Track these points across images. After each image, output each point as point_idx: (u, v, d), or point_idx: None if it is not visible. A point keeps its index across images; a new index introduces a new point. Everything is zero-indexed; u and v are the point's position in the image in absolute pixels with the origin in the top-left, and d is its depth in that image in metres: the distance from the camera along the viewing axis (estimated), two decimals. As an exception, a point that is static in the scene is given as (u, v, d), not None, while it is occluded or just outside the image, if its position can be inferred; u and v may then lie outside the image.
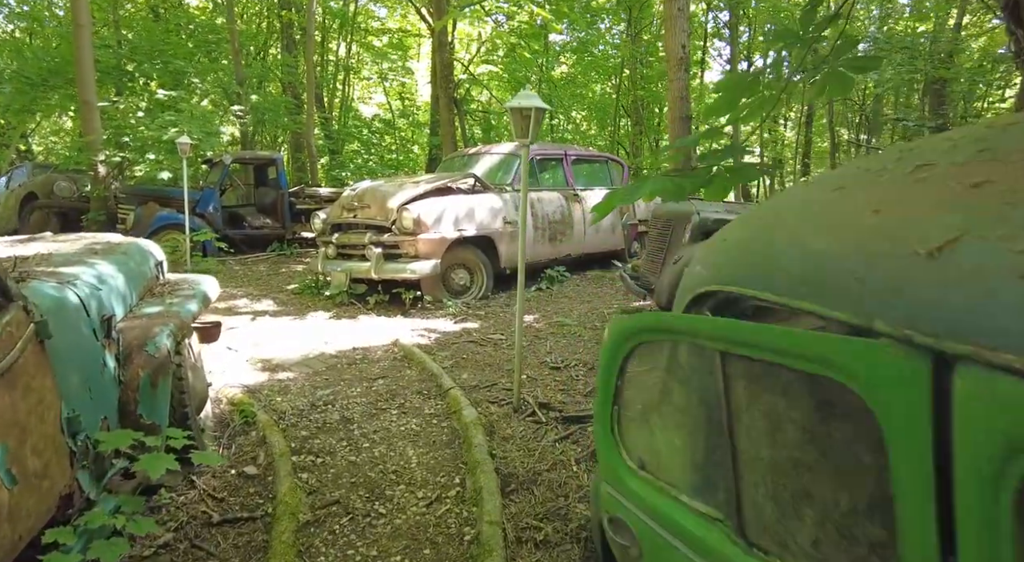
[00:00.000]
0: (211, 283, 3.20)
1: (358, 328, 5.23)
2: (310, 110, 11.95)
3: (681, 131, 7.13)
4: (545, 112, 3.08)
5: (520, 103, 2.99)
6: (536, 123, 3.06)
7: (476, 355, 4.45)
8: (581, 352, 4.46)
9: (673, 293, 3.78)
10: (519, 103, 3.00)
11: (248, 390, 3.75)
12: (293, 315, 5.71)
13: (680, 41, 6.90)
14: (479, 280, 6.22)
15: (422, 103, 22.18)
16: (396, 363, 4.32)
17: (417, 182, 6.27)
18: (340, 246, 6.28)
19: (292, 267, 8.77)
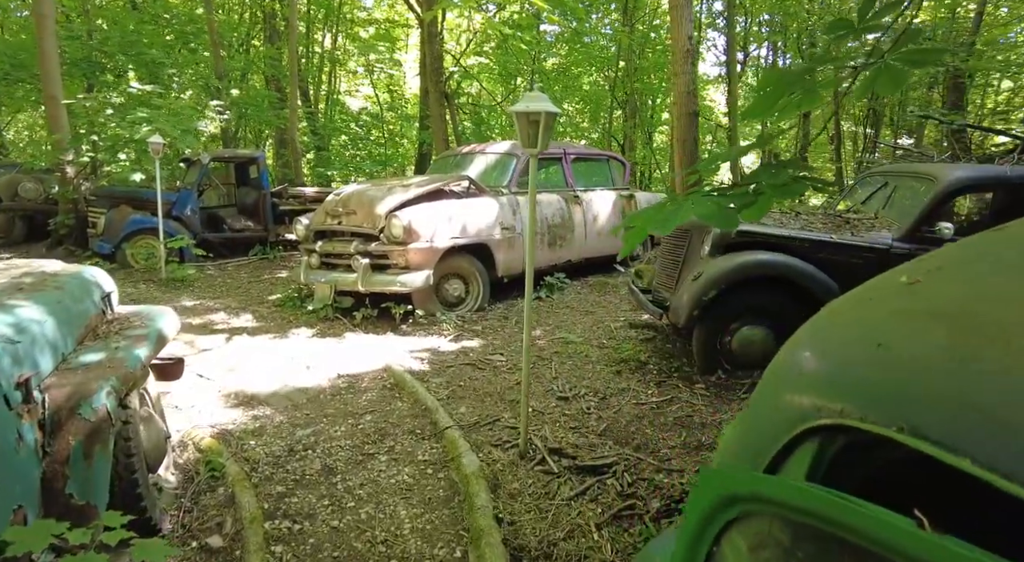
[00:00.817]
0: (169, 318, 2.75)
1: (343, 349, 4.79)
2: (293, 104, 11.40)
3: (688, 128, 6.71)
4: (556, 116, 2.65)
5: (528, 106, 2.56)
6: (546, 129, 2.62)
7: (474, 382, 4.03)
8: (590, 377, 4.05)
9: (693, 313, 3.32)
10: (527, 106, 2.56)
11: (219, 432, 3.31)
12: (273, 332, 5.25)
13: (686, 32, 6.47)
14: (475, 291, 5.79)
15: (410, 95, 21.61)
16: (385, 393, 3.89)
17: (407, 185, 5.81)
18: (324, 255, 5.82)
19: (275, 273, 8.29)
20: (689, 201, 1.96)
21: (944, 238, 3.55)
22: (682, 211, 1.90)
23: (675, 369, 4.04)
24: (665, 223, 1.86)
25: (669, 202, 2.02)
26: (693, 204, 1.91)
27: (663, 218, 1.90)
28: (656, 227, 1.84)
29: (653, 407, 3.53)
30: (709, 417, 3.35)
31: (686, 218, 1.83)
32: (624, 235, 1.95)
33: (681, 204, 1.94)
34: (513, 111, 2.62)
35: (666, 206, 2.01)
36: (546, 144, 2.69)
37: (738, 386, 3.69)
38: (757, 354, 3.82)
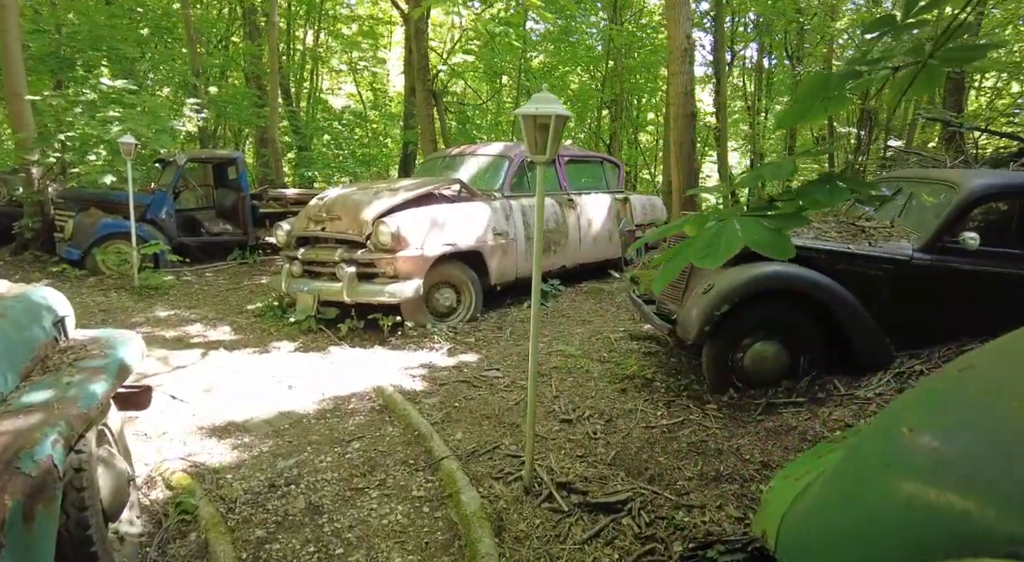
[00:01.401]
0: (133, 345, 2.45)
1: (328, 365, 4.50)
2: (273, 102, 11.02)
3: (686, 129, 6.50)
4: (566, 120, 2.40)
5: (537, 109, 2.30)
6: (556, 135, 2.37)
7: (470, 401, 3.77)
8: (593, 396, 3.80)
9: (704, 329, 3.08)
10: (535, 109, 2.30)
11: (192, 465, 3.01)
12: (253, 346, 4.93)
13: (684, 30, 6.26)
14: (467, 300, 5.52)
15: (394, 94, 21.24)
16: (374, 416, 3.61)
17: (395, 189, 5.52)
18: (307, 263, 5.51)
19: (255, 279, 7.94)
20: (733, 224, 1.71)
21: (969, 249, 3.36)
22: (728, 237, 1.66)
23: (684, 387, 3.80)
24: (711, 255, 1.61)
25: (713, 232, 1.78)
26: (742, 229, 1.67)
27: (707, 248, 1.66)
28: (702, 260, 1.60)
29: (664, 431, 3.30)
30: (725, 442, 3.12)
31: (735, 248, 1.59)
32: (662, 270, 1.71)
33: (725, 228, 1.70)
34: (520, 114, 2.36)
35: (705, 230, 1.77)
36: (555, 151, 2.43)
37: (752, 406, 3.46)
38: (770, 371, 3.60)
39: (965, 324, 3.52)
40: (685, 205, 6.77)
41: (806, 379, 3.55)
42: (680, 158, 6.64)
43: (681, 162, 6.66)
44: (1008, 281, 3.41)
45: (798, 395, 3.46)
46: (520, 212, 5.96)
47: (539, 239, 2.58)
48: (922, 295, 3.50)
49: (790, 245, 1.63)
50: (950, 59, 1.96)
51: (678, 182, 6.81)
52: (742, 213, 1.83)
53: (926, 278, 3.46)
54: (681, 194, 6.80)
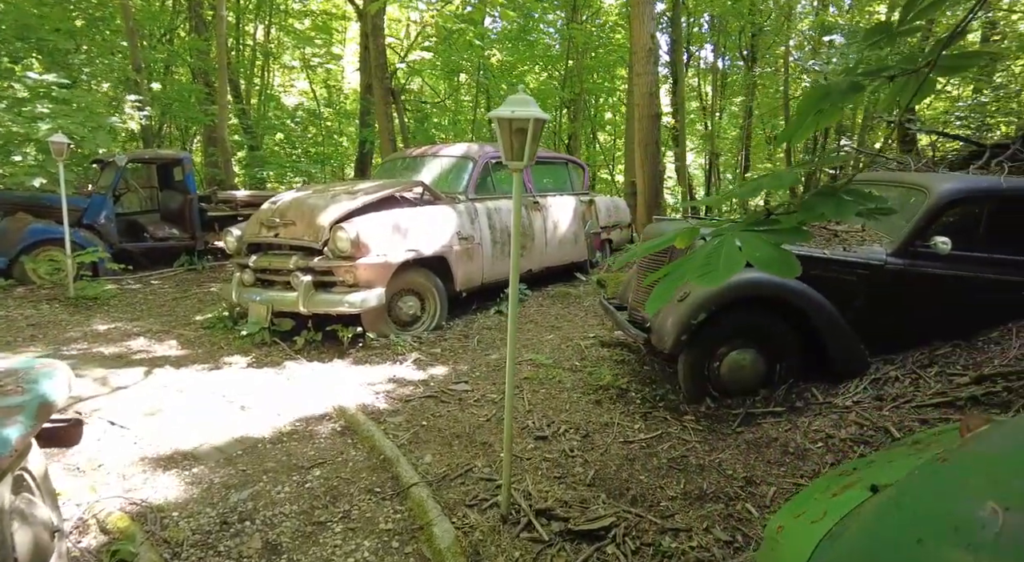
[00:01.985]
0: (58, 377, 2.16)
1: (284, 381, 4.22)
2: (222, 100, 10.50)
3: (651, 131, 6.43)
4: (544, 124, 2.23)
5: (513, 112, 2.12)
6: (535, 139, 2.20)
7: (439, 419, 3.56)
8: (567, 409, 3.65)
9: (680, 338, 2.96)
10: (511, 112, 2.12)
11: (132, 503, 2.72)
12: (202, 362, 4.60)
13: (649, 30, 6.18)
14: (431, 308, 5.30)
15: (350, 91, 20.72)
16: (336, 439, 3.37)
17: (353, 192, 5.26)
18: (259, 271, 5.20)
19: (205, 286, 7.52)
20: (732, 239, 1.58)
21: (941, 253, 3.35)
22: (728, 254, 1.52)
23: (660, 398, 3.70)
24: (711, 273, 1.47)
25: (708, 250, 1.63)
26: (744, 246, 1.53)
27: (706, 266, 1.51)
28: (701, 279, 1.45)
29: (642, 446, 3.17)
30: (705, 457, 3.02)
31: (738, 266, 1.46)
32: (655, 290, 1.56)
33: (724, 244, 1.56)
34: (495, 117, 2.18)
35: (702, 246, 1.63)
36: (533, 156, 2.26)
37: (730, 417, 3.37)
38: (747, 380, 3.52)
39: (937, 328, 3.52)
40: (651, 207, 6.71)
41: (783, 387, 3.49)
42: (645, 159, 6.57)
43: (646, 163, 6.59)
44: (978, 285, 3.41)
45: (776, 404, 3.39)
46: (486, 215, 5.77)
47: (515, 249, 2.41)
48: (895, 300, 3.48)
49: (796, 263, 1.51)
50: (945, 68, 1.88)
51: (643, 183, 6.75)
52: (741, 227, 1.70)
53: (899, 283, 3.43)
54: (646, 196, 6.73)
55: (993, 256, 3.42)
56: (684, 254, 3.82)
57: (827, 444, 2.94)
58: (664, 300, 1.60)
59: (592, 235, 7.23)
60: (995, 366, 3.11)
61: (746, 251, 1.56)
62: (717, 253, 1.60)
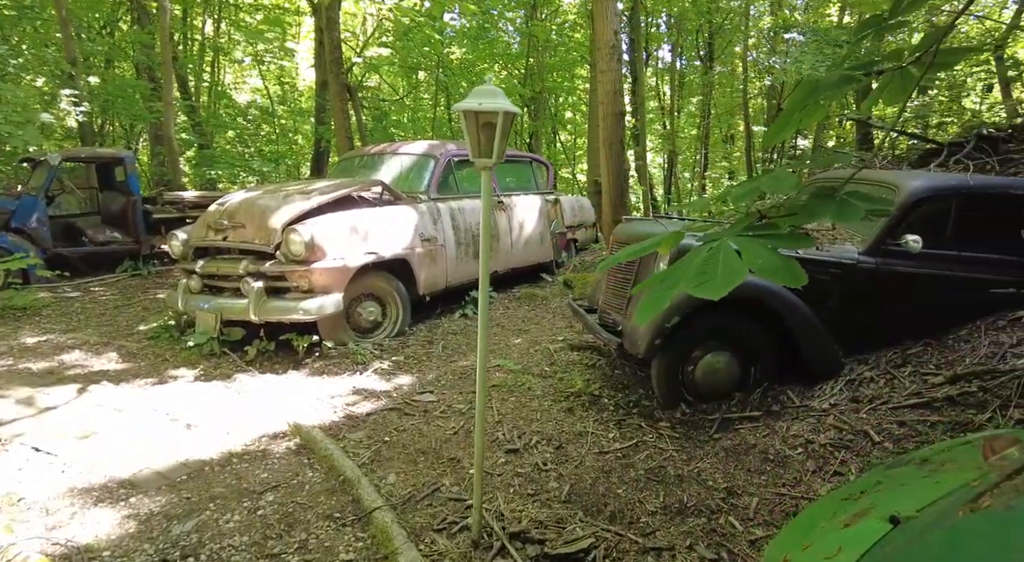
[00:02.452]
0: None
1: (234, 396, 3.93)
2: (168, 96, 9.95)
3: (616, 129, 6.33)
4: (514, 118, 2.05)
5: (480, 105, 1.94)
6: (503, 135, 2.02)
7: (402, 433, 3.35)
8: (539, 418, 3.49)
9: (654, 343, 2.83)
10: (478, 104, 1.94)
11: (55, 544, 2.43)
12: (144, 377, 4.26)
13: (612, 26, 6.08)
14: (393, 313, 5.07)
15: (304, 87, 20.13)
16: (291, 459, 3.12)
17: (308, 192, 4.98)
18: (207, 277, 4.87)
19: (151, 293, 7.09)
20: (728, 245, 1.44)
21: (912, 252, 3.31)
22: (727, 262, 1.39)
23: (633, 404, 3.57)
24: (708, 283, 1.33)
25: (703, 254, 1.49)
26: (745, 253, 1.39)
27: (702, 276, 1.37)
28: (698, 289, 1.31)
29: (618, 456, 3.03)
30: (684, 467, 2.89)
31: (738, 276, 1.33)
32: (644, 300, 1.41)
33: (720, 251, 1.42)
34: (461, 110, 1.99)
35: (695, 253, 1.48)
36: (502, 154, 2.08)
37: (706, 423, 3.27)
38: (722, 384, 3.43)
39: (908, 327, 3.50)
40: (616, 206, 6.62)
41: (758, 391, 3.40)
42: (610, 158, 6.47)
43: (611, 162, 6.49)
44: (948, 283, 3.40)
45: (752, 408, 3.30)
46: (449, 216, 5.56)
47: (485, 252, 2.23)
48: (867, 299, 3.43)
49: (801, 271, 1.37)
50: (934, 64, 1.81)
51: (608, 182, 6.65)
52: (736, 231, 1.56)
53: (871, 282, 3.39)
54: (611, 195, 6.64)
55: (962, 254, 3.41)
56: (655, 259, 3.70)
57: (807, 450, 2.85)
58: (656, 310, 1.46)
59: (558, 235, 7.10)
60: (967, 365, 3.08)
61: (746, 258, 1.42)
62: (714, 260, 1.45)
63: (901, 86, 1.78)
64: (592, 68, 10.18)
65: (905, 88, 1.79)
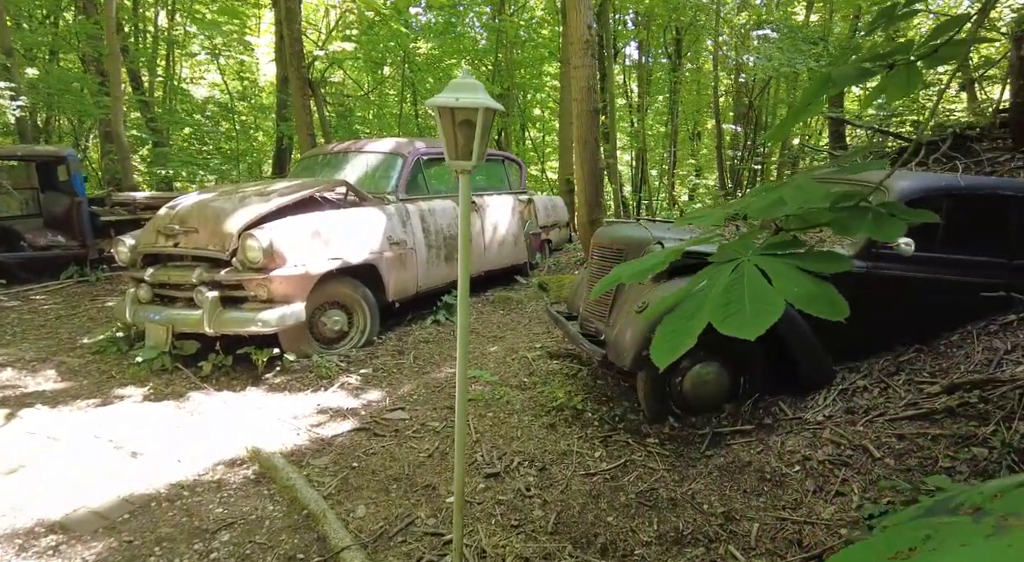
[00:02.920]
0: None
1: (187, 417, 3.61)
2: (115, 90, 9.39)
3: (590, 126, 6.14)
4: (495, 114, 1.82)
5: (457, 100, 1.70)
6: (484, 134, 1.78)
7: (372, 457, 3.09)
8: (519, 436, 3.27)
9: (641, 354, 2.60)
10: (455, 99, 1.70)
11: (-32, 604, 2.11)
12: (86, 397, 3.89)
13: (586, 20, 5.87)
14: (360, 322, 4.78)
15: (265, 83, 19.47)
16: (250, 490, 2.83)
17: (266, 194, 4.65)
18: (157, 286, 4.51)
19: (99, 301, 6.62)
20: (752, 269, 1.25)
21: (904, 255, 3.20)
22: (754, 289, 1.20)
23: (619, 418, 3.37)
24: (737, 316, 1.15)
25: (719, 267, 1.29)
26: (775, 278, 1.20)
27: (727, 305, 1.18)
28: (733, 326, 1.11)
29: (606, 478, 2.83)
30: (676, 488, 2.71)
31: (775, 309, 1.13)
32: (661, 334, 1.21)
33: (744, 275, 1.23)
34: (435, 106, 1.74)
35: (716, 274, 1.28)
36: (482, 155, 1.85)
37: (696, 438, 3.10)
38: (711, 396, 3.26)
39: (900, 332, 3.39)
40: (591, 206, 6.44)
41: (749, 402, 3.24)
42: (584, 156, 6.28)
43: (585, 160, 6.30)
44: (939, 287, 3.30)
45: (744, 422, 3.15)
46: (419, 217, 5.29)
47: (464, 257, 1.99)
48: (858, 304, 3.28)
49: (843, 301, 1.18)
50: (934, 58, 1.68)
51: (582, 181, 6.46)
52: (758, 250, 1.36)
53: (862, 286, 3.26)
54: (586, 194, 6.45)
55: (953, 257, 3.31)
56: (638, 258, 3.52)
57: (805, 467, 2.70)
58: (676, 347, 1.26)
59: (532, 236, 6.89)
60: (963, 373, 2.98)
61: (778, 285, 1.23)
62: (738, 287, 1.25)
63: (906, 80, 1.63)
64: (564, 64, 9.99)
65: (911, 82, 1.63)
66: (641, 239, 3.52)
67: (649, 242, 3.45)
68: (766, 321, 1.11)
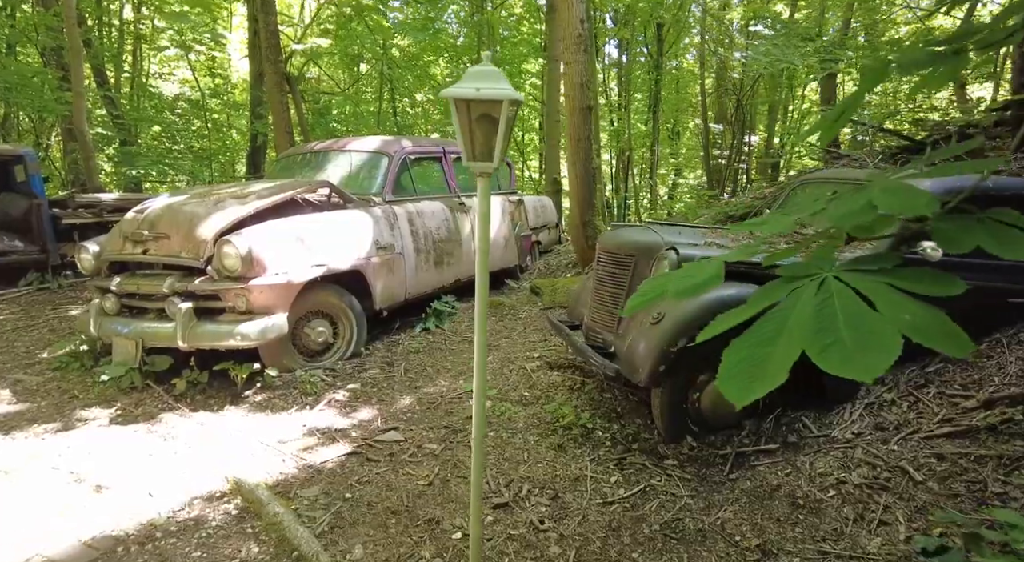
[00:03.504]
0: None
1: (160, 443, 3.28)
2: (77, 85, 8.89)
3: (583, 125, 5.92)
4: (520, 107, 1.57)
5: (479, 91, 1.44)
6: (508, 128, 1.53)
7: (367, 486, 2.82)
8: (526, 459, 3.02)
9: (658, 369, 2.34)
10: (476, 90, 1.44)
11: None
12: (44, 422, 3.54)
13: (578, 14, 5.64)
14: (346, 332, 4.48)
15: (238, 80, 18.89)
16: (231, 527, 2.54)
17: (243, 196, 4.33)
18: (124, 296, 4.16)
19: (62, 309, 6.21)
20: (845, 290, 1.03)
21: (931, 260, 3.02)
22: (851, 316, 0.98)
23: (632, 437, 3.15)
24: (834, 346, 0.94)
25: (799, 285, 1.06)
26: (880, 303, 0.98)
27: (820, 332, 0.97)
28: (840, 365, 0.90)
29: (626, 507, 2.60)
30: (703, 518, 2.49)
31: (893, 350, 0.91)
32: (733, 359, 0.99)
33: (833, 296, 1.01)
34: (451, 97, 1.48)
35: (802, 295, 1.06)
36: (504, 153, 1.60)
37: (718, 459, 2.89)
38: (732, 412, 3.06)
39: (924, 342, 3.22)
40: (583, 207, 6.22)
41: (770, 418, 3.05)
42: (577, 155, 6.05)
43: (578, 159, 6.08)
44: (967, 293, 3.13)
45: (766, 440, 2.95)
46: (406, 220, 5.01)
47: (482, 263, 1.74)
48: (882, 312, 3.12)
49: (963, 333, 0.96)
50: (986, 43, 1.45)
51: (575, 181, 6.24)
52: (844, 267, 1.13)
53: (887, 294, 3.08)
54: (578, 194, 6.23)
55: (980, 261, 3.15)
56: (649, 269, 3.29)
57: (840, 492, 2.50)
58: (763, 377, 1.02)
59: (522, 238, 6.65)
60: (998, 385, 2.81)
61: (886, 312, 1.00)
62: (828, 310, 1.03)
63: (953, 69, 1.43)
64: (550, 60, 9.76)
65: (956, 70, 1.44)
66: (652, 244, 3.30)
67: (660, 248, 3.23)
68: (880, 360, 0.89)
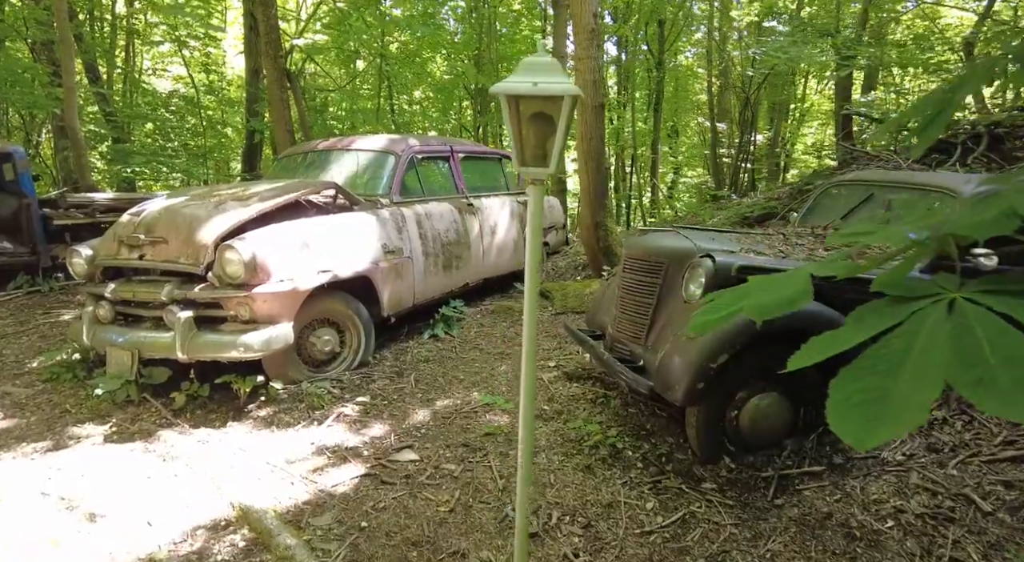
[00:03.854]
0: None
1: (158, 464, 3.07)
2: (69, 81, 8.63)
3: (595, 123, 5.71)
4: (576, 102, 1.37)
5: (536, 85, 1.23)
6: (566, 126, 1.32)
7: (383, 514, 2.61)
8: (552, 482, 2.82)
9: (696, 386, 2.13)
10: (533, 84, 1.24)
11: None
12: (32, 441, 3.31)
13: (591, 8, 5.44)
14: (353, 341, 4.27)
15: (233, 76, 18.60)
16: (239, 561, 2.33)
17: (245, 198, 4.11)
18: (120, 303, 3.94)
19: (54, 314, 5.97)
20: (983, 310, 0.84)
21: (984, 269, 2.84)
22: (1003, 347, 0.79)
23: (665, 458, 2.96)
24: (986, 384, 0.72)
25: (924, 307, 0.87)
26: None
27: (970, 369, 0.78)
28: (1002, 405, 0.68)
29: (666, 538, 2.41)
30: (751, 549, 2.30)
31: None
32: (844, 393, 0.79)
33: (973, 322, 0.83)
34: (501, 94, 1.28)
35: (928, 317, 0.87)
36: (560, 156, 1.39)
37: (760, 482, 2.70)
38: (771, 431, 2.87)
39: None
40: (595, 208, 6.02)
41: (813, 437, 2.86)
42: (589, 154, 5.85)
43: (590, 159, 5.88)
44: None
45: (811, 461, 2.76)
46: (415, 222, 4.80)
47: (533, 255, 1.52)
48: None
49: None
50: None
51: (586, 182, 6.04)
52: (976, 287, 0.93)
53: (936, 304, 2.89)
54: (590, 195, 6.04)
55: (1034, 270, 2.97)
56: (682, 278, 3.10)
57: (900, 522, 2.31)
58: (885, 417, 0.83)
59: (531, 240, 6.43)
60: (1059, 403, 2.63)
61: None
62: (970, 341, 0.83)
63: None
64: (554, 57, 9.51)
65: None
66: (685, 251, 3.10)
67: (694, 254, 3.03)
68: None
